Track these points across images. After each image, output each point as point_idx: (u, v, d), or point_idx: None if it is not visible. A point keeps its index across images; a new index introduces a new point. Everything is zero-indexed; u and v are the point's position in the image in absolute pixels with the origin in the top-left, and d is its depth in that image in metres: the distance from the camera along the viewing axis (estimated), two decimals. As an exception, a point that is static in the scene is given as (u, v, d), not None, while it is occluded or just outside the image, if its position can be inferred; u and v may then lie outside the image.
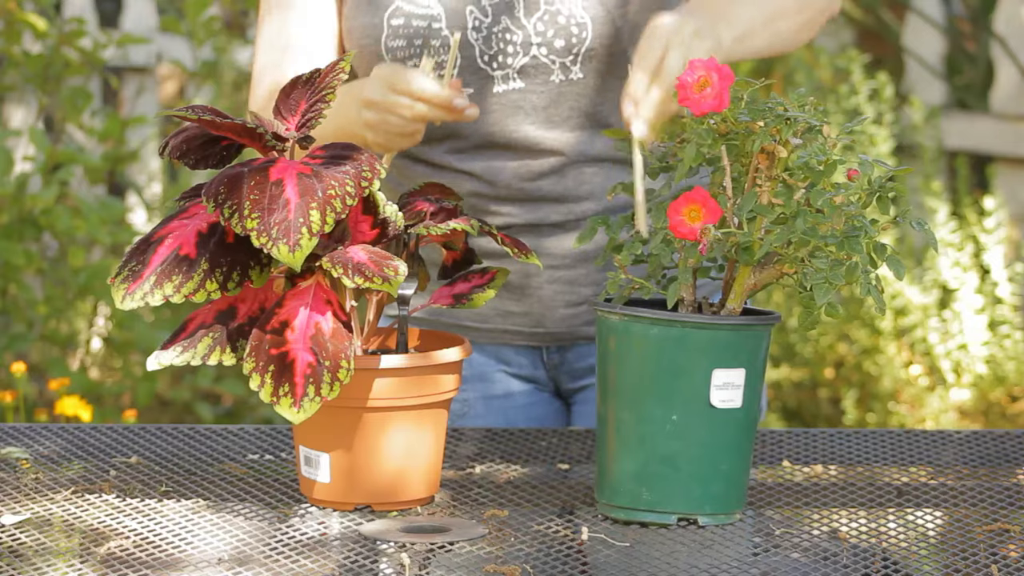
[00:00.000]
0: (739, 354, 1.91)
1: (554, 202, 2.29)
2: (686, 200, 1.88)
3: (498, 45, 2.22)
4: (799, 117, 1.87)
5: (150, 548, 1.83)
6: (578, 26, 2.22)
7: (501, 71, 2.23)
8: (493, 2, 2.23)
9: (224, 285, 1.90)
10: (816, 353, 5.06)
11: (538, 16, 2.21)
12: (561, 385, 2.43)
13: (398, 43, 2.24)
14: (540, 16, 2.21)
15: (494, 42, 2.22)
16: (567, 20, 2.22)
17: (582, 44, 2.22)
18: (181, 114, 1.93)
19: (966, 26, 6.31)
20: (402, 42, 2.24)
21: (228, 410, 4.85)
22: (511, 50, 2.23)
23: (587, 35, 2.22)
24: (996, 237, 4.90)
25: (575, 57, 2.23)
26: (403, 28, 2.24)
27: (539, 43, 2.22)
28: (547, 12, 2.22)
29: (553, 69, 2.23)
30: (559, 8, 2.22)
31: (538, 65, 2.23)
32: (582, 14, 2.21)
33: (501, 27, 2.22)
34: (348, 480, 1.96)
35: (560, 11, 2.22)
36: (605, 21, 2.22)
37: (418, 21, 2.23)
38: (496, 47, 2.22)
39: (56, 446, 2.23)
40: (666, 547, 1.86)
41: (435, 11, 2.23)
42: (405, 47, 2.24)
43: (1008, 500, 2.05)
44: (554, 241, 2.30)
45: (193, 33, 4.64)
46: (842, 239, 1.86)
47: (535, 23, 2.21)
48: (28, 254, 4.11)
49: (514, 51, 2.22)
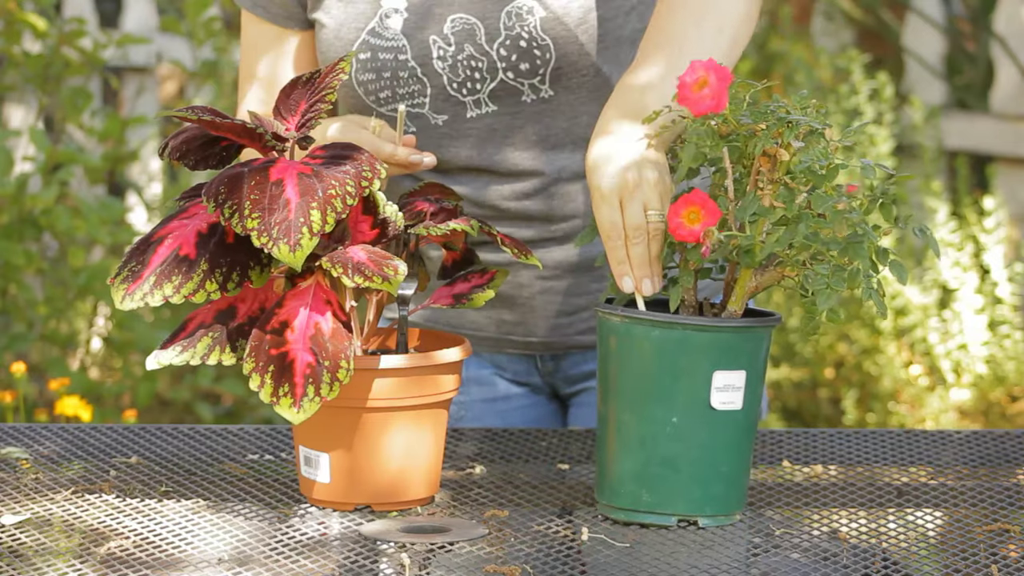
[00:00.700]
0: (740, 356, 1.91)
1: (542, 220, 2.28)
2: (685, 202, 1.88)
3: (465, 72, 2.22)
4: (801, 120, 1.87)
5: (150, 548, 1.83)
6: (540, 48, 2.20)
7: (472, 96, 2.23)
8: (455, 30, 2.22)
9: (224, 285, 1.90)
10: (816, 353, 5.06)
11: (500, 41, 2.21)
12: (558, 390, 2.43)
13: (367, 76, 2.24)
14: (502, 41, 2.21)
15: (460, 69, 2.22)
16: (528, 43, 2.20)
17: (547, 65, 2.21)
18: (181, 114, 1.93)
19: (966, 26, 6.31)
20: (371, 75, 2.24)
21: (228, 410, 4.85)
22: (478, 76, 2.22)
23: (551, 55, 2.21)
24: (996, 237, 4.90)
25: (543, 77, 2.22)
26: (371, 62, 2.23)
27: (504, 68, 2.21)
28: (508, 37, 2.20)
29: (523, 90, 2.23)
30: (519, 32, 2.20)
31: (507, 88, 2.23)
32: (543, 36, 2.20)
33: (465, 55, 2.22)
34: (348, 480, 1.96)
35: (520, 35, 2.20)
36: (567, 39, 2.20)
37: (384, 54, 2.23)
38: (463, 74, 2.22)
39: (56, 446, 2.23)
40: (666, 548, 1.86)
41: (400, 43, 2.23)
42: (375, 80, 2.24)
43: (1008, 500, 2.05)
44: (544, 252, 2.29)
45: (193, 33, 4.63)
46: (844, 245, 1.86)
47: (498, 48, 2.21)
48: (28, 254, 4.11)
49: (481, 76, 2.22)
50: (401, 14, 2.22)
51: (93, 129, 4.48)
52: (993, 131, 5.80)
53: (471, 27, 2.20)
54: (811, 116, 1.89)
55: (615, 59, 2.22)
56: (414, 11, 2.22)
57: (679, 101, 1.89)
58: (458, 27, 2.21)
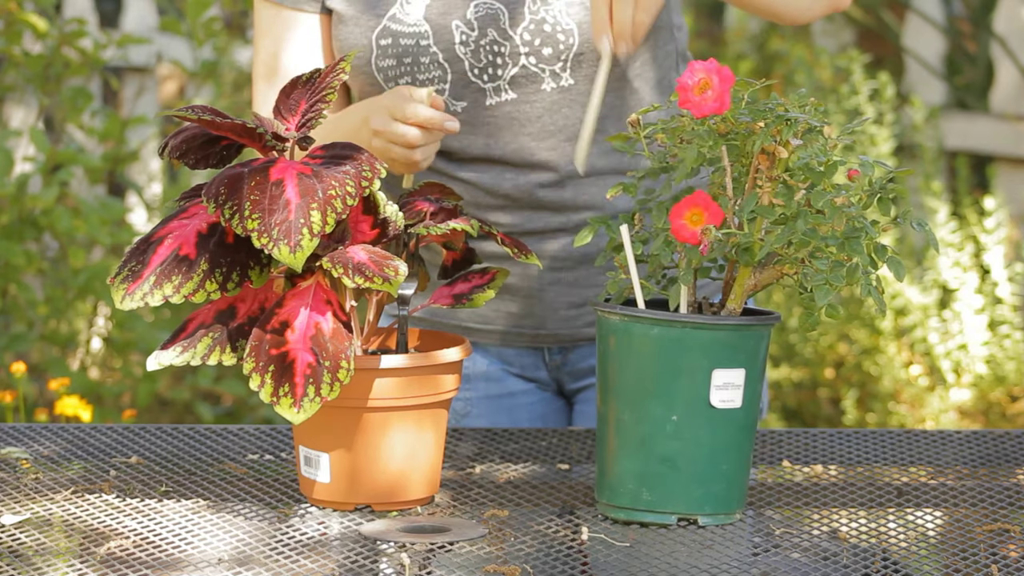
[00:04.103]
0: (739, 354, 1.91)
1: (554, 211, 2.29)
2: (688, 204, 1.88)
3: (487, 57, 2.23)
4: (800, 118, 1.87)
5: (150, 548, 1.83)
6: (564, 32, 2.21)
7: (492, 83, 2.24)
8: (479, 15, 2.23)
9: (224, 285, 1.91)
10: (816, 353, 5.05)
11: (524, 26, 2.21)
12: (563, 385, 2.43)
13: (388, 63, 2.24)
14: (526, 26, 2.21)
15: (482, 55, 2.22)
16: (552, 28, 2.21)
17: (570, 50, 2.22)
18: (181, 114, 1.93)
19: (966, 26, 6.31)
20: (392, 61, 2.24)
21: (228, 410, 4.85)
22: (500, 61, 2.23)
23: (574, 41, 2.22)
24: (996, 237, 4.90)
25: (564, 64, 2.23)
26: (391, 47, 2.24)
27: (527, 52, 2.22)
28: (532, 21, 2.21)
29: (543, 78, 2.23)
30: (544, 16, 2.21)
31: (528, 75, 2.23)
32: (567, 20, 2.21)
33: (488, 39, 2.22)
34: (348, 480, 1.96)
35: (545, 19, 2.21)
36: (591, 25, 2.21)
37: (406, 40, 2.24)
38: (485, 59, 2.23)
39: (56, 446, 2.23)
40: (666, 547, 1.86)
41: (422, 28, 2.23)
42: (395, 66, 2.24)
43: (1008, 500, 2.05)
44: (555, 243, 2.30)
45: (193, 33, 4.63)
46: (843, 240, 1.86)
47: (521, 33, 2.21)
48: (28, 254, 4.11)
49: (503, 62, 2.23)
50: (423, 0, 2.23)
51: (93, 129, 4.48)
52: (993, 131, 5.80)
53: (495, 12, 2.21)
54: (809, 114, 1.89)
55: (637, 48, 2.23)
56: None
57: (680, 104, 1.89)
58: (482, 12, 2.22)
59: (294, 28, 2.31)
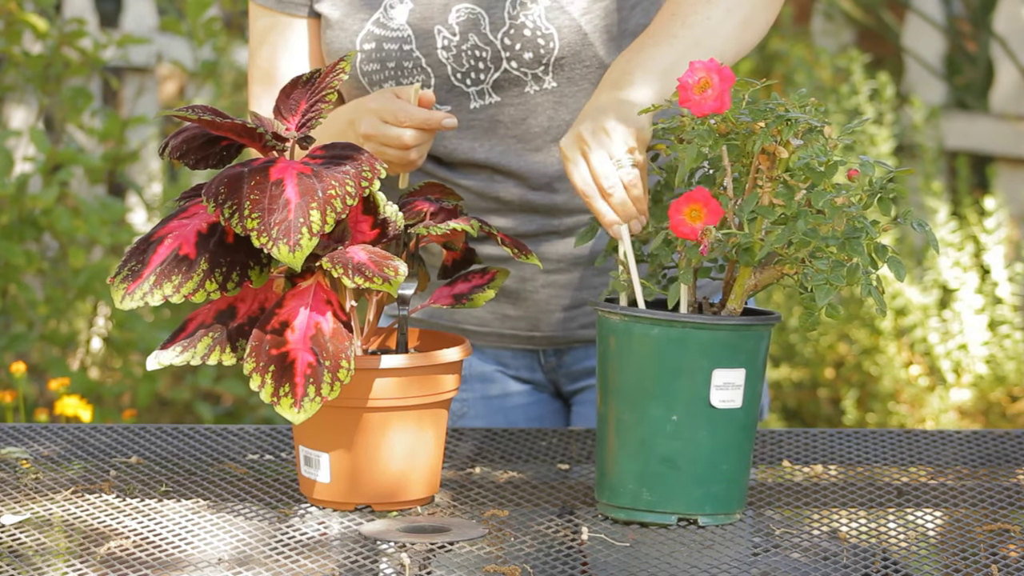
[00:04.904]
0: (739, 354, 1.91)
1: (546, 214, 2.29)
2: (687, 200, 1.88)
3: (469, 62, 2.23)
4: (800, 118, 1.87)
5: (150, 548, 1.83)
6: (544, 37, 2.21)
7: (476, 87, 2.24)
8: (459, 20, 2.23)
9: (224, 285, 1.90)
10: (816, 353, 5.05)
11: (504, 31, 2.21)
12: (560, 387, 2.43)
13: (372, 67, 2.25)
14: (506, 31, 2.21)
15: (464, 59, 2.23)
16: (532, 32, 2.21)
17: (550, 54, 2.22)
18: (181, 114, 1.93)
19: (966, 26, 6.31)
20: (376, 66, 2.24)
21: (228, 410, 4.85)
22: (482, 66, 2.23)
23: (554, 45, 2.21)
24: (996, 237, 4.90)
25: (546, 67, 2.23)
26: (375, 52, 2.24)
27: (508, 57, 2.22)
28: (512, 26, 2.21)
29: (526, 81, 2.23)
30: (523, 21, 2.21)
31: (511, 78, 2.23)
32: (547, 25, 2.21)
33: (470, 44, 2.22)
34: (348, 480, 1.96)
35: (525, 24, 2.21)
36: (571, 29, 2.21)
37: (389, 44, 2.24)
38: (468, 64, 2.23)
39: (56, 446, 2.23)
40: (666, 547, 1.86)
41: (405, 33, 2.23)
42: (379, 70, 2.24)
43: (1008, 500, 2.05)
44: (548, 246, 2.30)
45: (193, 33, 4.63)
46: (843, 240, 1.86)
47: (502, 37, 2.21)
48: (28, 254, 4.11)
49: (485, 67, 2.23)
50: (407, 5, 2.23)
51: (93, 129, 4.48)
52: (993, 131, 5.80)
53: (476, 17, 2.21)
54: (810, 114, 1.89)
55: (618, 51, 2.23)
56: (420, 1, 2.23)
57: (680, 103, 1.89)
58: (463, 17, 2.21)
59: (286, 32, 2.32)
